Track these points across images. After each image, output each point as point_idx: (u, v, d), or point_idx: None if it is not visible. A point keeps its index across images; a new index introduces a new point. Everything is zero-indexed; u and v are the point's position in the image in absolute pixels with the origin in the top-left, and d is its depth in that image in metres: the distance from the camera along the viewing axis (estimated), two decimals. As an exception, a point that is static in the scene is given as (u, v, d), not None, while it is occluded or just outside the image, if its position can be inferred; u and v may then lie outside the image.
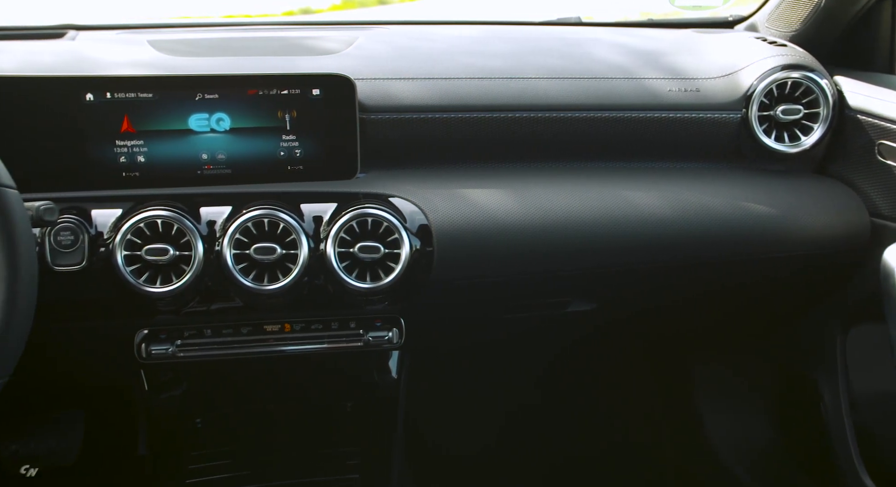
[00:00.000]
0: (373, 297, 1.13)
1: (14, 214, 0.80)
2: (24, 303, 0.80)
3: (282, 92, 1.09)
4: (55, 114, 1.04)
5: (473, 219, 1.12)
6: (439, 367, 1.70)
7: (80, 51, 1.23)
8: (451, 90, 1.18)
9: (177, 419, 1.43)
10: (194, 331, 1.14)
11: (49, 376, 0.90)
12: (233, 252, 1.04)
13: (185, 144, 1.09)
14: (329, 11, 2.97)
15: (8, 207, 0.79)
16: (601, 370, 1.85)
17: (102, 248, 1.03)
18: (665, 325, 1.55)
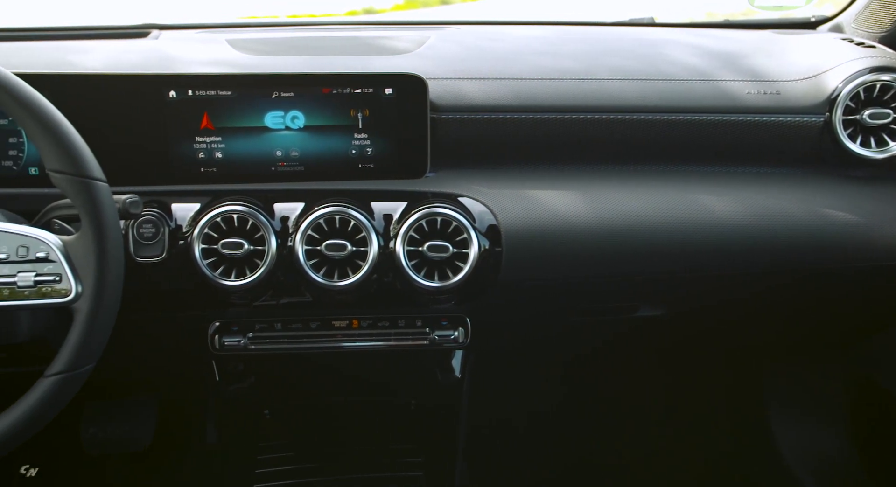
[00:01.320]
0: (440, 296, 1.13)
1: (104, 207, 0.83)
2: (112, 293, 0.83)
3: (355, 91, 1.11)
4: (140, 110, 1.08)
5: (543, 220, 1.11)
6: (504, 368, 1.69)
7: (162, 50, 1.28)
8: (523, 90, 1.17)
9: (246, 409, 1.46)
10: (265, 325, 1.16)
11: (126, 363, 0.94)
12: (305, 248, 1.06)
13: (261, 141, 1.11)
14: (392, 11, 3.00)
15: (99, 200, 0.83)
16: (667, 377, 1.82)
17: (181, 241, 1.06)
18: (736, 333, 1.51)
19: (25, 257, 0.82)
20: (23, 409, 0.80)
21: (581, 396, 1.81)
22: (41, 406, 0.80)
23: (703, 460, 1.75)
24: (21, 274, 0.82)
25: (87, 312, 0.82)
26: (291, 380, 1.33)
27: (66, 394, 0.82)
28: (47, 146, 0.81)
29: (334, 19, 1.61)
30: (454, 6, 4.13)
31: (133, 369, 1.36)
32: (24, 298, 0.82)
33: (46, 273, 0.82)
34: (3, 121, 1.06)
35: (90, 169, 0.83)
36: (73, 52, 1.23)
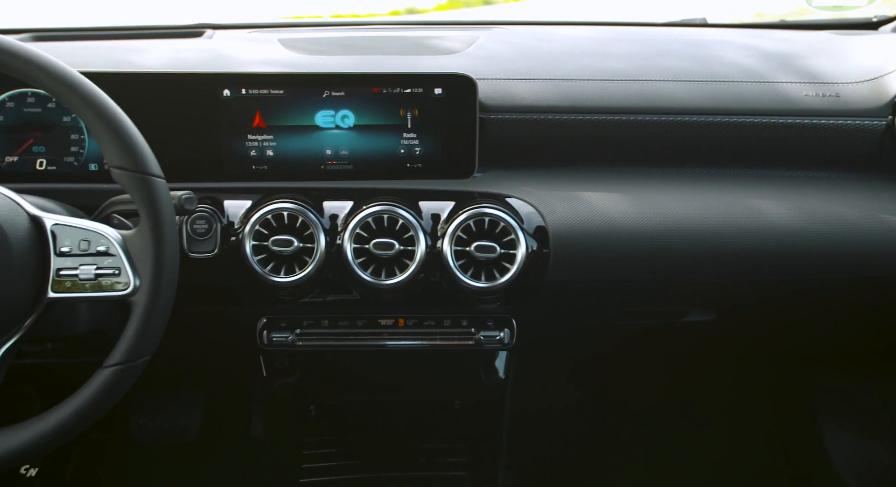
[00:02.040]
0: (486, 297, 1.13)
1: (162, 202, 0.85)
2: (168, 287, 0.85)
3: (405, 90, 1.11)
4: (195, 108, 1.10)
5: (591, 222, 1.10)
6: (548, 369, 1.68)
7: (217, 49, 1.30)
8: (572, 91, 1.17)
9: (292, 405, 1.48)
10: (312, 322, 1.18)
11: (176, 356, 0.96)
12: (353, 246, 1.07)
13: (311, 140, 1.13)
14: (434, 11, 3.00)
15: (157, 196, 0.84)
16: (713, 384, 1.78)
17: (233, 237, 1.08)
18: (788, 341, 1.48)
19: (87, 251, 0.84)
20: (82, 399, 0.82)
21: (627, 400, 1.79)
22: (99, 397, 0.82)
23: (748, 472, 1.72)
24: (83, 267, 0.84)
25: (144, 306, 0.84)
26: (336, 377, 1.34)
27: (122, 385, 0.84)
28: (109, 143, 0.83)
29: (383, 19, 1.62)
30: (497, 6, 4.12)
31: (182, 362, 1.39)
32: (85, 291, 0.84)
33: (106, 266, 0.84)
34: (66, 119, 1.09)
35: (149, 165, 0.85)
36: (131, 51, 1.26)
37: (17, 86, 1.07)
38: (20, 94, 1.08)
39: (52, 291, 0.84)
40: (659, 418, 1.78)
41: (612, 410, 1.78)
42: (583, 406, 1.76)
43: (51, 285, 0.84)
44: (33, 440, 0.81)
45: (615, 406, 1.78)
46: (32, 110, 1.08)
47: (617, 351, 1.50)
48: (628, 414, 1.78)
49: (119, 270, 0.84)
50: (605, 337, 1.37)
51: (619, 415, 1.78)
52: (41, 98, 1.08)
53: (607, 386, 1.77)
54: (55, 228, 0.85)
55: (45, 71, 0.81)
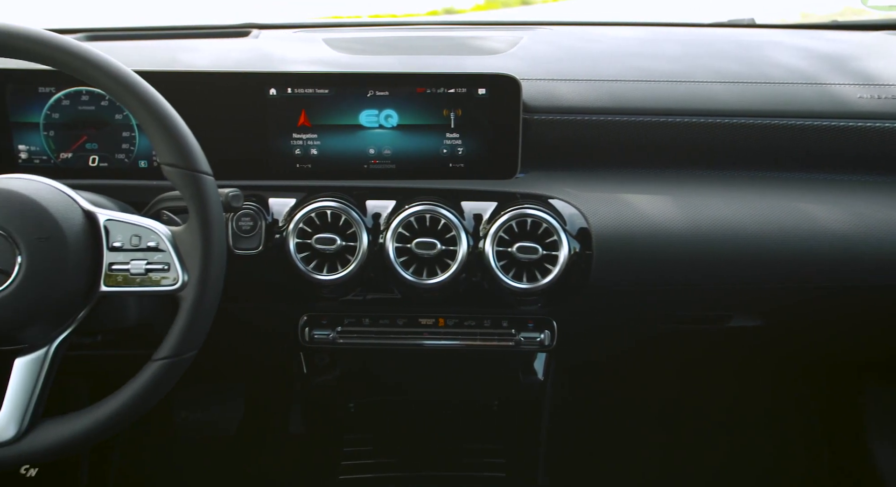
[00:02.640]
0: (527, 298, 1.13)
1: (211, 199, 0.86)
2: (215, 283, 0.86)
3: (448, 90, 1.11)
4: (242, 107, 1.11)
5: (635, 224, 1.09)
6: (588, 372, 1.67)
7: (263, 48, 1.32)
8: (617, 92, 1.16)
9: (331, 402, 1.49)
10: (353, 320, 1.18)
11: (218, 351, 0.97)
12: (395, 245, 1.07)
13: (355, 139, 1.13)
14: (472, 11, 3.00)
15: (207, 193, 0.86)
16: (757, 390, 1.75)
17: (277, 235, 1.09)
18: (837, 349, 1.44)
19: (138, 246, 0.86)
20: (133, 390, 0.84)
21: (668, 404, 1.76)
22: (149, 389, 0.84)
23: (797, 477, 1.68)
24: (134, 262, 0.86)
25: (191, 301, 0.85)
26: (376, 376, 1.35)
27: (170, 379, 0.86)
28: (161, 141, 0.85)
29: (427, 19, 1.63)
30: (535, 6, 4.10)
31: (224, 357, 1.41)
32: (136, 285, 0.86)
33: (156, 261, 0.86)
34: (118, 117, 1.12)
35: (199, 163, 0.86)
36: (180, 50, 1.28)
37: (72, 85, 1.10)
38: (75, 93, 1.10)
39: (104, 285, 0.86)
40: (700, 423, 1.75)
41: (653, 414, 1.76)
42: (622, 409, 1.75)
43: (103, 279, 0.86)
44: (87, 429, 0.83)
45: (656, 409, 1.76)
46: (86, 108, 1.11)
47: (658, 354, 1.48)
48: (669, 419, 1.76)
49: (168, 265, 0.86)
50: (646, 341, 1.35)
51: (660, 419, 1.76)
52: (95, 96, 1.11)
53: (648, 390, 1.75)
54: (108, 223, 0.87)
55: (103, 70, 0.83)
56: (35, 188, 0.85)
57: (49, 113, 1.11)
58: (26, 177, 0.87)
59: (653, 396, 1.75)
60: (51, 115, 1.11)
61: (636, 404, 1.75)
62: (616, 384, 1.72)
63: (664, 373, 1.72)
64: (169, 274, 0.86)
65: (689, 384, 1.75)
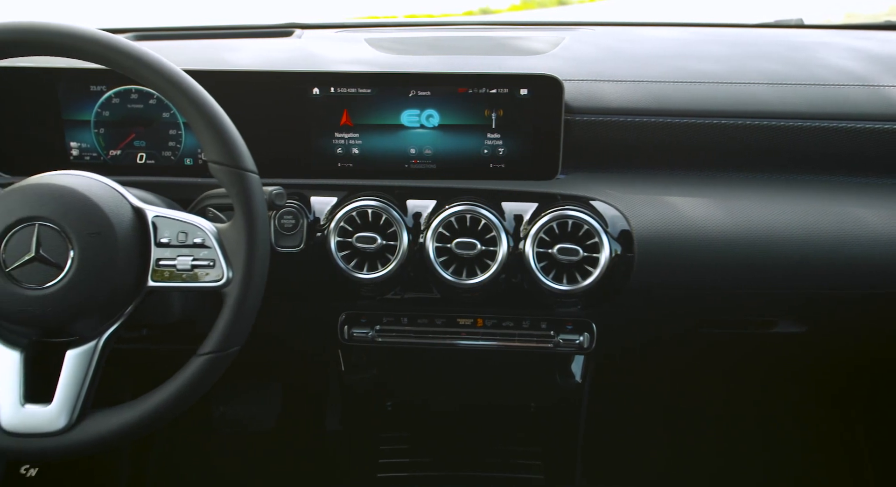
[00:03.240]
0: (567, 300, 1.12)
1: (256, 197, 0.87)
2: (259, 280, 0.88)
3: (490, 91, 1.11)
4: (285, 106, 1.12)
5: (677, 227, 1.08)
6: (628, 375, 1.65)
7: (306, 48, 1.33)
8: (661, 94, 1.14)
9: (368, 400, 1.50)
10: (392, 318, 1.19)
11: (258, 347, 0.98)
12: (435, 245, 1.08)
13: (396, 139, 1.14)
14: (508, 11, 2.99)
15: (252, 190, 0.87)
16: (801, 400, 1.71)
17: (318, 233, 1.10)
18: (883, 355, 1.41)
19: (184, 242, 0.88)
20: (178, 385, 0.85)
21: (708, 409, 1.73)
22: (193, 383, 0.86)
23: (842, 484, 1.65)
24: (180, 258, 0.87)
25: (235, 297, 0.86)
26: (413, 375, 1.35)
27: (214, 373, 0.87)
28: (209, 139, 0.86)
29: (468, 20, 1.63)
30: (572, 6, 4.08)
31: (263, 353, 1.43)
32: (182, 281, 0.88)
33: (202, 258, 0.87)
34: (166, 115, 1.13)
35: (245, 161, 0.87)
36: (225, 50, 1.30)
37: (122, 84, 1.12)
38: (125, 91, 1.13)
39: (151, 280, 0.87)
40: (740, 428, 1.72)
41: (692, 418, 1.73)
42: (661, 413, 1.72)
43: (151, 274, 0.87)
44: (134, 421, 0.85)
45: (695, 414, 1.73)
46: (135, 106, 1.13)
47: (699, 358, 1.46)
48: (708, 423, 1.73)
49: (213, 262, 0.87)
50: (687, 345, 1.33)
51: (699, 424, 1.73)
52: (143, 94, 1.13)
53: (687, 394, 1.72)
54: (156, 220, 0.88)
55: (154, 69, 0.84)
56: (87, 184, 0.87)
57: (100, 111, 1.13)
58: (79, 174, 0.89)
59: (693, 400, 1.72)
60: (101, 113, 1.13)
61: (675, 407, 1.72)
62: (655, 387, 1.70)
63: (705, 377, 1.69)
64: (214, 270, 0.87)
65: (730, 388, 1.72)
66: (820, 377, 1.67)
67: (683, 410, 1.73)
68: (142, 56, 0.84)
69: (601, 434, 1.61)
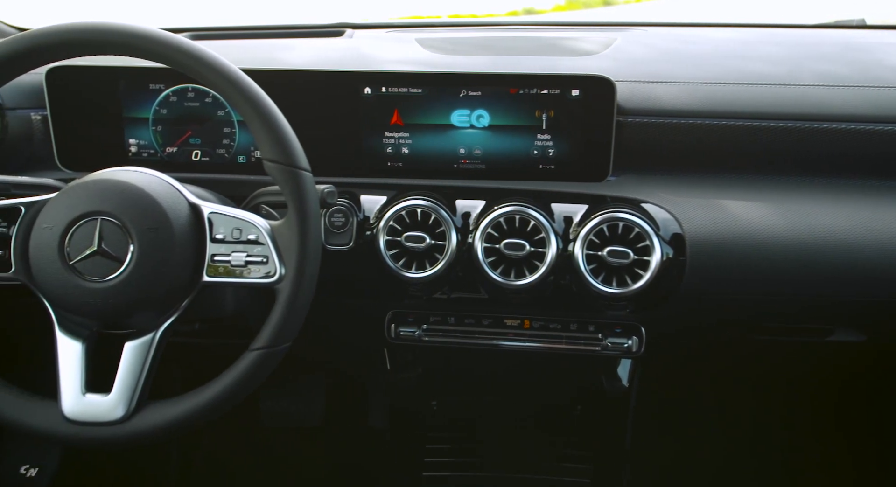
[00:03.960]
0: (616, 303, 1.11)
1: (309, 195, 0.88)
2: (311, 277, 0.89)
3: (541, 91, 1.11)
4: (337, 105, 1.13)
5: (731, 231, 1.06)
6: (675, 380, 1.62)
7: (357, 48, 1.34)
8: (717, 95, 1.12)
9: (414, 399, 1.50)
10: (439, 318, 1.19)
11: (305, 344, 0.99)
12: (484, 245, 1.07)
13: (446, 139, 1.14)
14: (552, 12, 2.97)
15: (305, 188, 0.88)
16: (857, 412, 1.66)
17: (368, 232, 1.11)
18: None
19: (239, 239, 0.89)
20: (231, 378, 0.87)
21: (758, 415, 1.69)
22: (246, 377, 0.87)
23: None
24: (234, 254, 0.89)
25: (288, 293, 0.87)
26: (458, 374, 1.35)
27: (266, 368, 0.88)
28: (265, 137, 0.87)
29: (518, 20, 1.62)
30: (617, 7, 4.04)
31: (310, 349, 1.45)
32: (236, 276, 0.89)
33: (255, 254, 0.88)
34: (221, 113, 1.15)
35: (300, 160, 0.88)
36: (278, 49, 1.32)
37: (180, 82, 1.14)
38: (182, 90, 1.15)
39: (206, 275, 0.89)
40: (792, 436, 1.67)
41: (743, 425, 1.69)
42: (711, 419, 1.69)
43: (206, 269, 0.89)
44: (189, 413, 0.86)
45: (746, 421, 1.69)
46: (192, 104, 1.15)
47: (750, 365, 1.43)
48: (758, 431, 1.69)
49: (267, 258, 0.88)
50: (738, 351, 1.31)
51: (750, 431, 1.69)
52: (200, 93, 1.15)
53: (738, 401, 1.68)
54: (212, 216, 0.90)
55: (213, 68, 0.86)
56: (147, 180, 0.89)
57: (158, 109, 1.16)
58: (139, 170, 0.91)
59: (743, 407, 1.68)
60: (159, 111, 1.16)
61: (725, 414, 1.69)
62: (705, 392, 1.67)
63: (756, 383, 1.66)
64: (267, 266, 0.88)
65: (782, 396, 1.68)
66: (877, 386, 1.61)
67: (733, 416, 1.69)
68: (202, 55, 0.86)
69: (650, 438, 1.59)
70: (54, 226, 0.85)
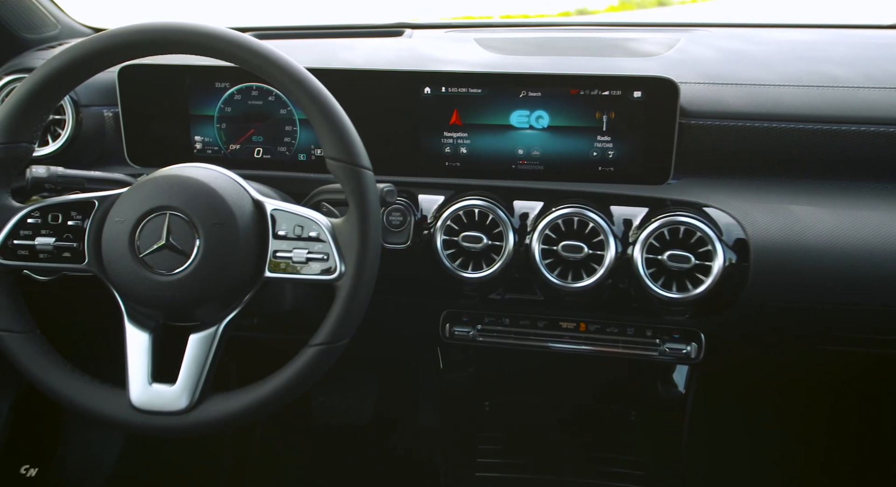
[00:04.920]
0: (675, 308, 1.09)
1: (370, 194, 0.89)
2: (370, 275, 0.89)
3: (602, 92, 1.10)
4: (396, 105, 1.14)
5: (798, 237, 1.03)
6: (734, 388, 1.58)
7: (416, 48, 1.35)
8: (785, 98, 1.09)
9: (466, 399, 1.50)
10: (493, 318, 1.19)
11: (359, 341, 1.00)
12: (541, 247, 1.07)
13: (504, 139, 1.14)
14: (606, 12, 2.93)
15: (366, 187, 0.89)
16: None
17: (425, 231, 1.11)
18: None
19: (300, 235, 0.90)
20: (290, 373, 0.88)
21: (821, 428, 1.64)
22: (305, 373, 0.88)
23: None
24: (296, 250, 0.90)
25: (348, 290, 0.88)
26: (510, 375, 1.35)
27: (325, 364, 0.89)
28: (329, 136, 0.88)
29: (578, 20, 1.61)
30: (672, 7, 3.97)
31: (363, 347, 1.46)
32: (296, 273, 0.90)
33: (316, 251, 0.89)
34: (283, 112, 1.17)
35: (362, 159, 0.89)
36: (338, 49, 1.33)
37: (244, 81, 1.17)
38: (246, 88, 1.17)
39: (268, 271, 0.90)
40: (860, 452, 1.61)
41: (805, 438, 1.63)
42: (771, 430, 1.64)
43: (268, 265, 0.90)
44: (249, 406, 0.88)
45: (808, 433, 1.63)
46: (255, 103, 1.17)
47: (816, 377, 1.39)
48: (823, 444, 1.63)
49: (327, 256, 0.89)
50: (802, 360, 1.27)
51: (813, 444, 1.63)
52: (263, 91, 1.17)
53: (800, 412, 1.63)
54: (275, 212, 0.91)
55: (280, 67, 0.87)
56: (213, 176, 0.91)
57: (223, 106, 1.18)
58: (205, 166, 0.93)
59: (805, 419, 1.63)
60: (224, 109, 1.18)
61: (786, 425, 1.64)
62: (764, 402, 1.62)
63: (818, 394, 1.60)
64: (327, 263, 0.89)
65: (848, 409, 1.62)
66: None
67: (796, 428, 1.64)
68: (270, 54, 0.87)
69: (707, 447, 1.55)
70: (126, 219, 0.88)
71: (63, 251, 0.92)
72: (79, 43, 0.89)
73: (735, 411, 1.62)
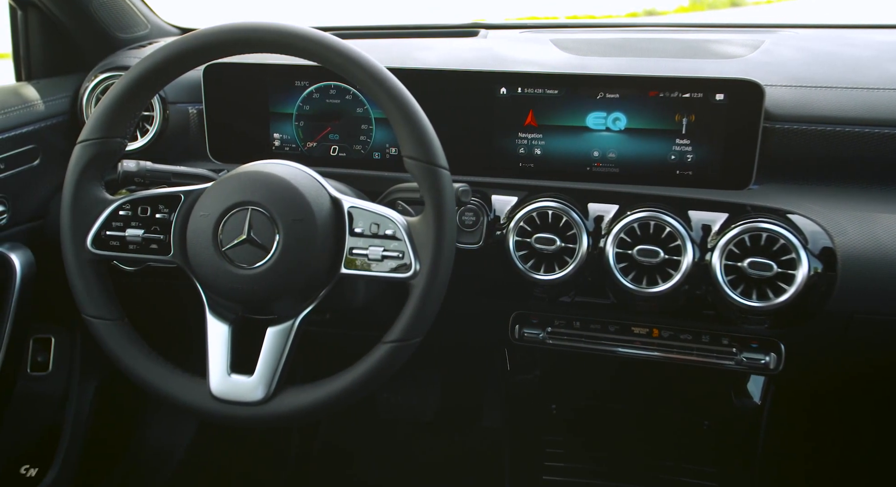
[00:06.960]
0: (754, 317, 1.05)
1: (446, 193, 0.89)
2: (444, 274, 0.89)
3: (683, 95, 1.07)
4: (472, 105, 1.14)
5: (889, 247, 0.98)
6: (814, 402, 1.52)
7: (492, 48, 1.34)
8: (877, 102, 1.05)
9: (532, 401, 1.49)
10: (563, 321, 1.17)
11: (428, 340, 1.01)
12: (616, 250, 1.05)
13: (580, 141, 1.12)
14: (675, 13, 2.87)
15: (443, 186, 0.89)
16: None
17: (498, 232, 1.11)
18: None
19: (376, 233, 0.91)
20: (364, 369, 0.89)
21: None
22: (378, 369, 0.89)
23: None
24: (372, 248, 0.91)
25: (422, 289, 0.89)
26: (577, 380, 1.33)
27: (398, 361, 0.90)
28: (407, 135, 0.89)
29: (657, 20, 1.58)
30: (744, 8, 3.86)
31: (433, 345, 1.46)
32: (371, 270, 0.91)
33: (392, 249, 0.90)
34: (359, 110, 1.19)
35: (439, 158, 0.89)
36: (415, 48, 1.34)
37: (323, 79, 1.19)
38: (325, 87, 1.19)
39: (344, 267, 0.92)
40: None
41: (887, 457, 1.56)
42: (851, 448, 1.57)
43: (344, 262, 0.92)
44: (324, 400, 0.89)
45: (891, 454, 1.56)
46: (333, 101, 1.19)
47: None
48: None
49: (403, 254, 0.90)
50: (887, 376, 1.21)
51: None
52: (341, 90, 1.19)
53: (884, 430, 1.55)
54: (352, 210, 0.92)
55: (361, 66, 0.88)
56: (293, 173, 0.93)
57: (301, 105, 1.21)
58: (286, 163, 0.95)
59: (889, 436, 1.56)
60: (303, 107, 1.21)
61: (867, 441, 1.56)
62: (843, 417, 1.56)
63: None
64: (402, 262, 0.90)
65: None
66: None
67: (876, 445, 1.56)
68: (351, 54, 0.89)
69: (780, 459, 1.49)
70: (209, 214, 0.90)
71: (151, 243, 0.95)
72: (171, 42, 0.92)
73: (811, 424, 1.56)
